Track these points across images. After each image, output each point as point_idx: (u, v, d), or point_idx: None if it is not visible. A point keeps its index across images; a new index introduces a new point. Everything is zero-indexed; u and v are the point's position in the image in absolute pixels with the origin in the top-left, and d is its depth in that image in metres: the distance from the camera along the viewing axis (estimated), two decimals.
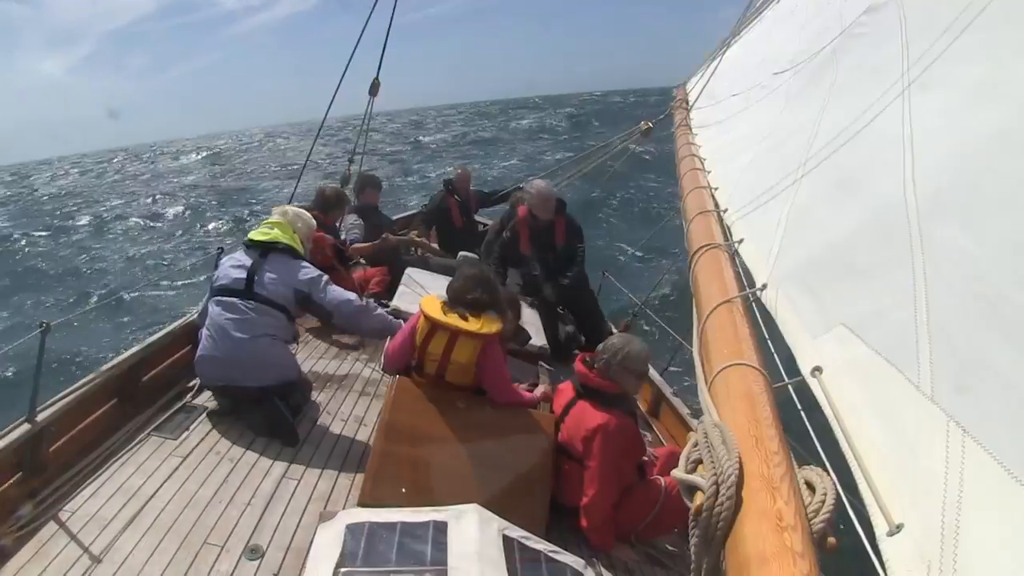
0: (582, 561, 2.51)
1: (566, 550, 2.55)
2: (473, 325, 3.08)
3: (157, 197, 27.63)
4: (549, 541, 2.59)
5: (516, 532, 2.44)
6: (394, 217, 7.39)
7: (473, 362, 3.12)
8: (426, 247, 6.39)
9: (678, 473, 1.25)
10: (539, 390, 3.55)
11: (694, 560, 1.18)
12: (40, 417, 2.92)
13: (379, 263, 5.92)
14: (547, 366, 4.57)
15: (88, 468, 2.98)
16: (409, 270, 5.48)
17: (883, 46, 2.51)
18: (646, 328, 7.47)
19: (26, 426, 2.86)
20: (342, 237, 5.75)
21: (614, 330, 5.81)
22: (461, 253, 5.99)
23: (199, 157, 52.16)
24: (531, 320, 4.85)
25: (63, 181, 47.93)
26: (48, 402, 3.07)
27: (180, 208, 24.30)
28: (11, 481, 2.80)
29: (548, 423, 3.20)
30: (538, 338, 4.75)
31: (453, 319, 3.09)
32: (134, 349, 3.80)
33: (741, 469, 1.16)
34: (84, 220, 23.89)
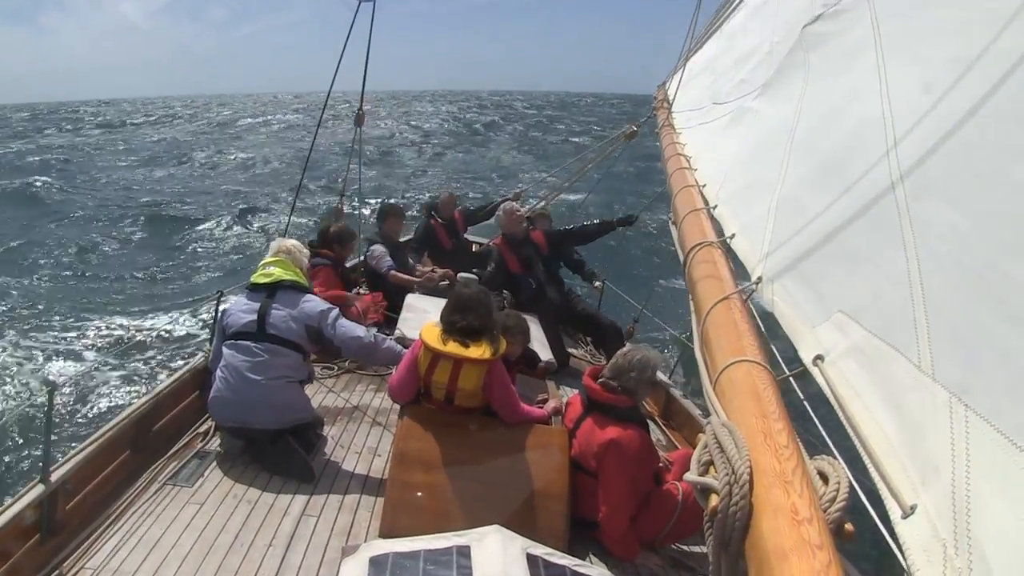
0: (608, 573, 2.50)
1: (590, 563, 2.54)
2: (475, 352, 3.05)
3: None
4: (572, 555, 2.58)
5: (539, 549, 2.43)
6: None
7: (480, 387, 3.11)
8: (452, 279, 6.45)
9: (690, 476, 1.24)
10: (550, 405, 3.53)
11: (712, 561, 1.18)
12: (54, 476, 2.91)
13: (377, 289, 5.99)
14: (556, 379, 4.57)
15: (106, 523, 2.98)
16: (409, 296, 5.51)
17: (855, 28, 2.53)
18: (650, 332, 7.48)
19: (41, 487, 2.84)
20: (385, 267, 5.89)
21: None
22: (461, 275, 6.01)
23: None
24: (536, 336, 4.85)
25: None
26: (61, 460, 3.07)
27: None
28: (30, 543, 2.78)
29: (561, 437, 3.19)
30: (544, 352, 4.76)
31: (454, 347, 3.06)
32: (143, 399, 3.79)
33: (753, 467, 1.16)
34: None
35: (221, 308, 3.88)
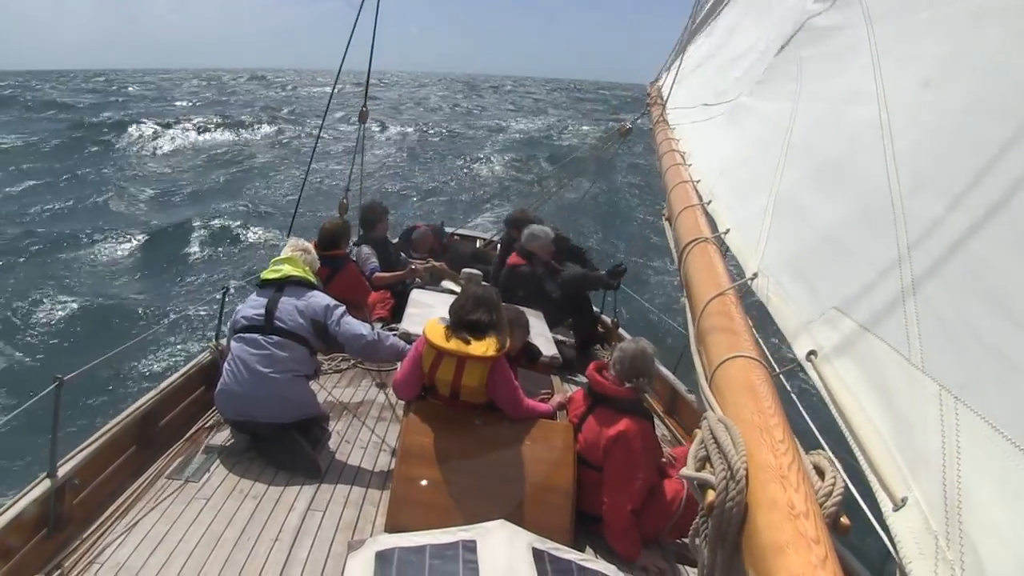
0: (614, 567, 2.52)
1: (595, 557, 2.56)
2: (478, 349, 3.08)
3: None
4: (577, 550, 2.60)
5: (545, 544, 2.46)
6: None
7: (484, 383, 3.13)
8: (448, 274, 6.43)
9: (687, 472, 1.26)
10: (554, 400, 3.57)
11: (707, 556, 1.19)
12: (61, 472, 2.92)
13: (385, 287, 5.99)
14: (559, 374, 4.57)
15: (113, 518, 3.01)
16: (414, 292, 5.52)
17: (849, 25, 2.55)
18: (656, 329, 7.48)
19: (47, 482, 2.86)
20: (368, 270, 5.84)
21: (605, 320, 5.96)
22: (464, 270, 6.02)
23: None
24: (540, 330, 4.86)
25: None
26: (68, 455, 3.09)
27: None
28: (37, 538, 2.80)
29: (566, 432, 3.22)
30: (548, 348, 4.76)
31: (457, 345, 3.09)
32: (149, 394, 3.80)
33: (749, 462, 1.17)
34: None
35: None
